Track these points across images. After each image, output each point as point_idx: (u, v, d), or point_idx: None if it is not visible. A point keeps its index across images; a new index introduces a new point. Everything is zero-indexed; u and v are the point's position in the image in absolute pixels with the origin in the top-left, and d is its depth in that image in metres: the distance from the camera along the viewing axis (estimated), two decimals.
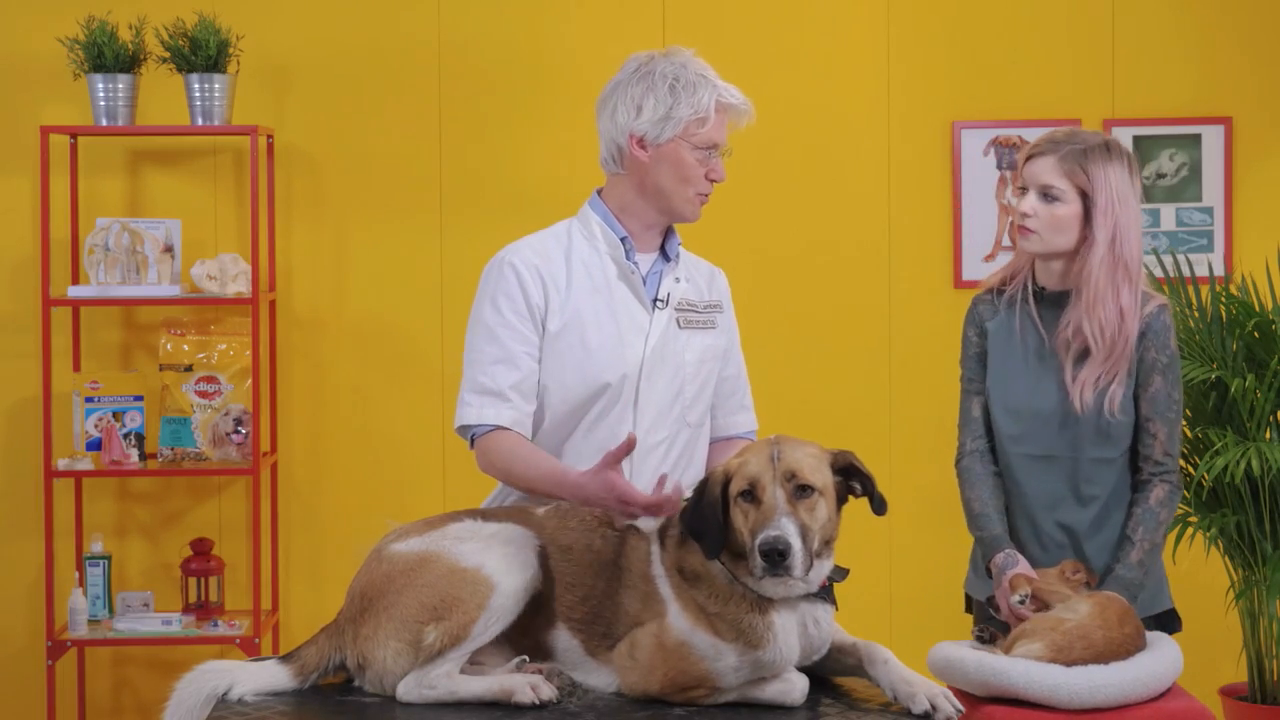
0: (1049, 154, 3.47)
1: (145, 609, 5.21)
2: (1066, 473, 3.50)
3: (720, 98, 3.29)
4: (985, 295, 3.64)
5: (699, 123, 3.28)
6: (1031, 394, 3.51)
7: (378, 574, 3.00)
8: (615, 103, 3.32)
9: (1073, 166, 3.45)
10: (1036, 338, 3.53)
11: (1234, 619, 5.00)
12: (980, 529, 3.54)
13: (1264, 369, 4.67)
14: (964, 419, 3.64)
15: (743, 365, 3.53)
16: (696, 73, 3.30)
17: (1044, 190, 3.47)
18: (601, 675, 2.98)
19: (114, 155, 5.40)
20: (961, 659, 3.25)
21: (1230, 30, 5.49)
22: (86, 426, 5.16)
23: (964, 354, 3.65)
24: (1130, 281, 3.46)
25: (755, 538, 2.79)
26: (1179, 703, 3.25)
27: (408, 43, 5.42)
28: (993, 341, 3.57)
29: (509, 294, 3.30)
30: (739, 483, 2.86)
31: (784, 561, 2.76)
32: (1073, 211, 3.45)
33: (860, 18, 5.47)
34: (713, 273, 3.51)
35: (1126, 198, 3.46)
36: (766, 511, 2.81)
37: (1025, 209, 3.48)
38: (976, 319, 3.63)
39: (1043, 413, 3.50)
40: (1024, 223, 3.48)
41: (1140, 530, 3.49)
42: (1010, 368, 3.54)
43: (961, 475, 3.62)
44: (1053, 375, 3.50)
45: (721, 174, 3.34)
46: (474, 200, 5.44)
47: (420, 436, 5.39)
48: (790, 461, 2.84)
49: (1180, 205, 5.50)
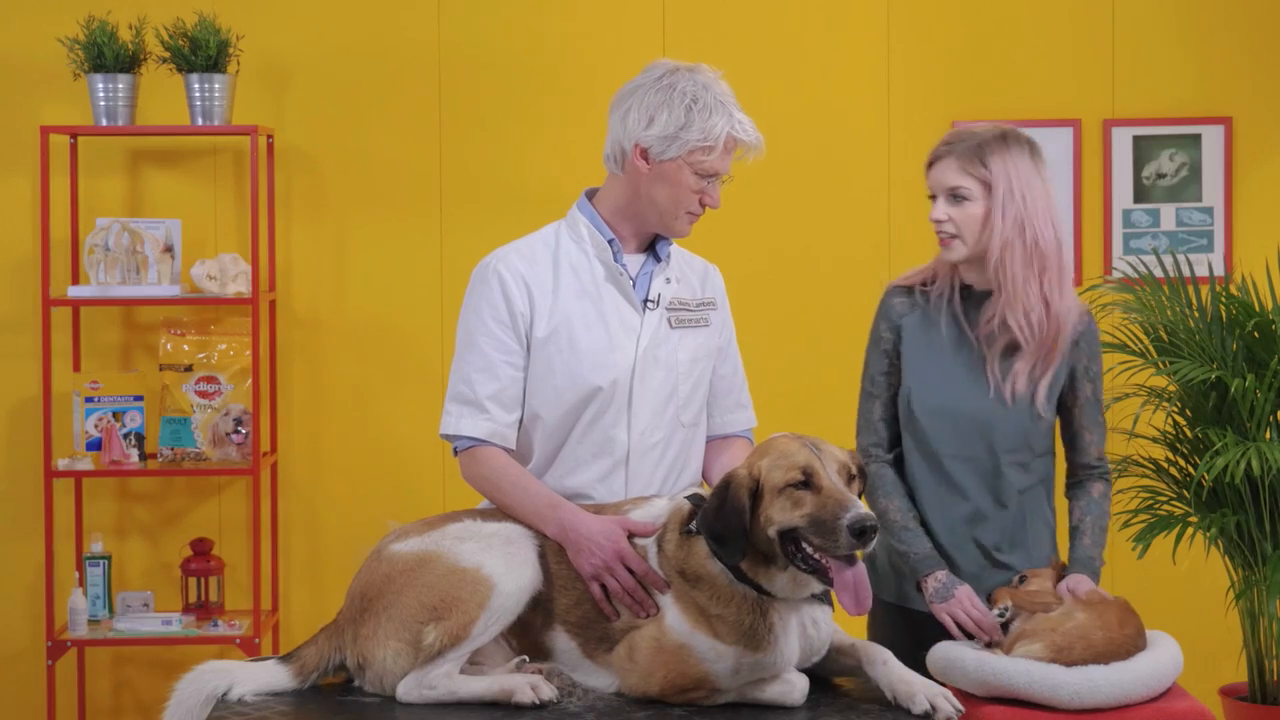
0: (947, 155, 3.41)
1: (145, 609, 5.21)
2: (984, 475, 3.43)
3: (733, 131, 3.23)
4: (901, 290, 3.53)
5: (705, 150, 3.22)
6: (954, 393, 3.43)
7: (378, 574, 3.00)
8: (630, 106, 3.26)
9: (971, 161, 3.38)
10: (959, 336, 3.44)
11: (1234, 619, 4.99)
12: (905, 544, 3.43)
13: (1264, 369, 4.66)
14: (865, 422, 3.54)
15: (739, 362, 3.50)
16: (717, 98, 3.23)
17: (951, 192, 3.39)
18: (600, 677, 2.98)
19: (114, 155, 5.40)
20: (961, 659, 3.25)
21: (1230, 30, 5.49)
22: (86, 426, 5.16)
23: (872, 350, 3.53)
24: (1049, 269, 3.38)
25: (839, 518, 2.78)
26: (1179, 703, 3.25)
27: (408, 43, 5.42)
28: (909, 339, 3.47)
29: (492, 302, 3.27)
30: (786, 474, 2.85)
31: (874, 536, 2.79)
32: (982, 208, 3.38)
33: (860, 18, 5.47)
34: (706, 269, 3.48)
35: (1030, 183, 3.38)
36: (835, 494, 2.82)
37: (937, 215, 3.40)
38: (888, 313, 3.51)
39: (965, 412, 3.42)
40: (940, 230, 3.40)
41: (1088, 519, 3.48)
42: (931, 366, 3.45)
43: (872, 481, 3.49)
44: (976, 374, 3.43)
45: (716, 202, 3.28)
46: (474, 200, 5.44)
47: (420, 436, 5.39)
48: (834, 453, 2.88)
49: (1180, 205, 5.50)
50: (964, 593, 3.36)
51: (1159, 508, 4.77)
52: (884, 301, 3.54)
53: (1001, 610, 3.32)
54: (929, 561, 3.41)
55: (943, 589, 3.37)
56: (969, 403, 3.43)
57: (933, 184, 3.44)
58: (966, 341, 3.45)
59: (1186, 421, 4.85)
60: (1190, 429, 4.84)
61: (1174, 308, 4.83)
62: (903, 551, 3.43)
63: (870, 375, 3.54)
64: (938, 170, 3.43)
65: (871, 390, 3.53)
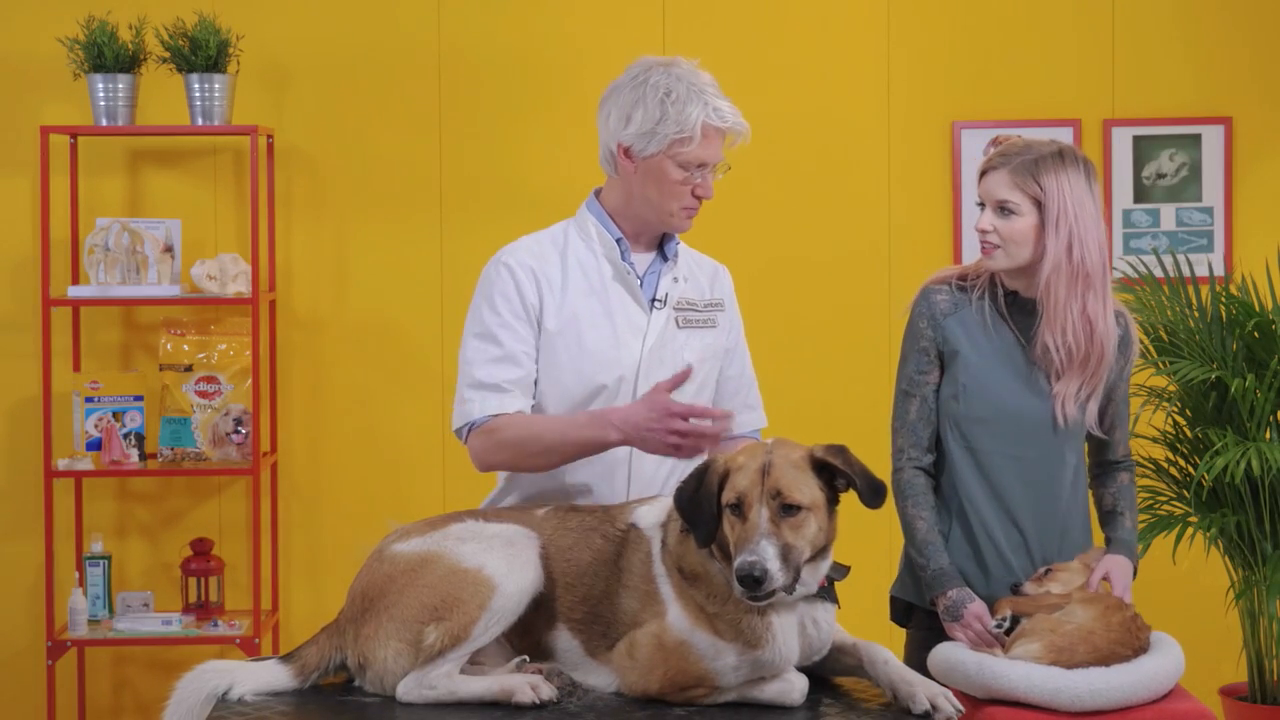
0: (1001, 168, 3.37)
1: (145, 609, 5.21)
2: (1032, 474, 3.41)
3: (708, 118, 3.22)
4: (942, 287, 3.48)
5: (684, 141, 3.22)
6: (1007, 393, 3.40)
7: (379, 574, 3.00)
8: (610, 108, 3.29)
9: (1024, 178, 3.35)
10: (1013, 342, 3.42)
11: (1234, 619, 4.99)
12: (926, 557, 3.40)
13: (1264, 369, 4.67)
14: (900, 423, 3.48)
15: (748, 363, 3.50)
16: (692, 88, 3.23)
17: (1000, 205, 3.36)
18: (601, 675, 2.98)
19: (114, 155, 5.40)
20: (962, 661, 3.24)
21: (1230, 30, 5.49)
22: (86, 426, 5.16)
23: (909, 348, 3.46)
24: (1094, 289, 3.36)
25: (735, 558, 2.78)
26: (1181, 704, 3.24)
27: (408, 43, 5.42)
28: (956, 337, 3.42)
29: (505, 294, 3.29)
30: (729, 494, 2.84)
31: (760, 588, 2.76)
32: (1029, 224, 3.35)
33: (860, 18, 5.47)
34: (716, 270, 3.48)
35: (1083, 203, 3.35)
36: (749, 531, 2.79)
37: (983, 225, 3.37)
38: (930, 311, 3.45)
39: (1018, 413, 3.40)
40: (984, 239, 3.39)
41: (1122, 502, 3.51)
42: (983, 365, 3.41)
43: (903, 489, 3.44)
44: (1027, 375, 3.41)
45: (709, 192, 3.28)
46: (474, 200, 5.44)
47: (420, 436, 5.39)
48: (778, 478, 2.81)
49: (1180, 205, 5.50)
50: (973, 612, 3.35)
51: (1159, 508, 4.78)
52: (923, 299, 3.48)
53: (1000, 621, 3.31)
54: (942, 578, 3.39)
55: (953, 607, 3.36)
56: (1021, 403, 3.41)
57: (983, 194, 3.40)
58: (1017, 343, 3.42)
59: (1186, 421, 4.85)
60: (1190, 429, 4.84)
61: (1174, 308, 4.84)
62: (920, 564, 3.42)
63: (907, 374, 3.47)
64: (989, 182, 3.39)
65: (909, 390, 3.47)
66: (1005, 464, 3.42)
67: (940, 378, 3.46)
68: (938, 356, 3.45)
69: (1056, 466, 3.44)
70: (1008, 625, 3.30)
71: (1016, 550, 3.43)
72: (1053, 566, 3.40)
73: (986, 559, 3.43)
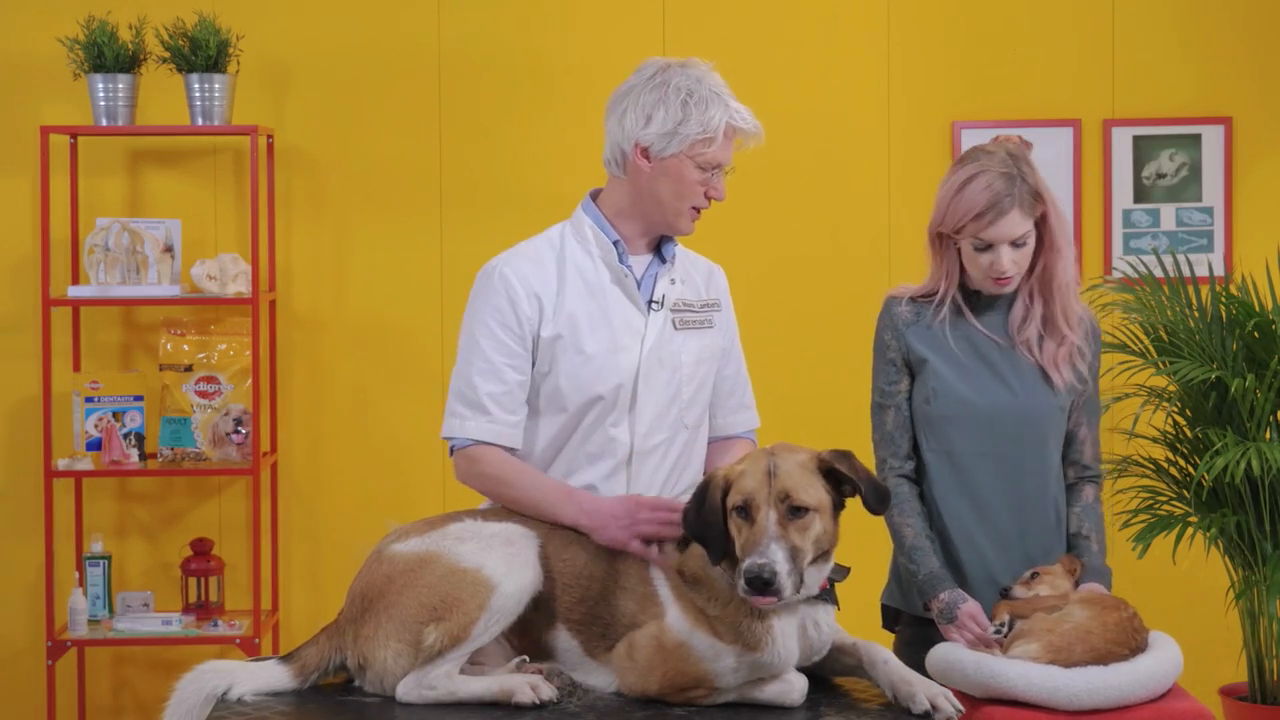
0: (1011, 208, 3.33)
1: (145, 609, 5.21)
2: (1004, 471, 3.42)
3: (731, 120, 3.24)
4: (902, 299, 3.49)
5: (706, 142, 3.23)
6: (973, 390, 3.41)
7: (378, 574, 3.00)
8: (626, 107, 3.27)
9: (1030, 204, 3.35)
10: (981, 338, 3.43)
11: (1234, 619, 4.99)
12: (916, 563, 3.40)
13: (1264, 369, 4.66)
14: (879, 435, 3.49)
15: (743, 363, 3.50)
16: (711, 90, 3.24)
17: (1015, 241, 3.36)
18: (601, 676, 2.98)
19: (114, 155, 5.40)
20: (960, 660, 3.24)
21: (1230, 30, 5.49)
22: (86, 426, 5.16)
23: (877, 362, 3.48)
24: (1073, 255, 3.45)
25: (743, 560, 2.80)
26: (1179, 703, 3.24)
27: (408, 43, 5.42)
28: (922, 344, 3.44)
29: (497, 306, 3.27)
30: (735, 497, 2.85)
31: (770, 588, 2.77)
32: (1034, 239, 3.39)
33: (860, 18, 5.47)
34: (711, 270, 3.48)
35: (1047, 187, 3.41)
36: (757, 534, 2.81)
37: (1006, 268, 3.36)
38: (893, 322, 3.46)
39: (986, 409, 3.41)
40: (1004, 276, 3.37)
41: (1087, 525, 3.48)
42: (946, 366, 3.42)
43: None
44: (994, 372, 3.42)
45: (721, 193, 3.29)
46: (473, 200, 5.44)
47: (420, 437, 5.39)
48: (785, 480, 2.83)
49: (1180, 205, 5.50)
50: (967, 612, 3.35)
51: (1159, 508, 4.77)
52: (886, 311, 3.51)
53: (999, 626, 3.31)
54: (934, 582, 3.39)
55: (947, 609, 3.36)
56: (993, 399, 3.42)
57: (996, 235, 3.35)
58: (986, 339, 3.44)
59: (1186, 421, 4.85)
60: (1190, 429, 4.84)
61: (1174, 308, 4.83)
62: (912, 570, 3.41)
63: (879, 387, 3.49)
64: (1006, 225, 3.34)
65: (882, 401, 3.49)
66: (982, 463, 3.43)
67: (911, 386, 3.48)
68: (905, 365, 3.47)
69: (1036, 463, 3.44)
70: (1006, 630, 3.30)
71: (996, 549, 3.44)
72: (1038, 570, 3.41)
73: (964, 563, 3.44)
